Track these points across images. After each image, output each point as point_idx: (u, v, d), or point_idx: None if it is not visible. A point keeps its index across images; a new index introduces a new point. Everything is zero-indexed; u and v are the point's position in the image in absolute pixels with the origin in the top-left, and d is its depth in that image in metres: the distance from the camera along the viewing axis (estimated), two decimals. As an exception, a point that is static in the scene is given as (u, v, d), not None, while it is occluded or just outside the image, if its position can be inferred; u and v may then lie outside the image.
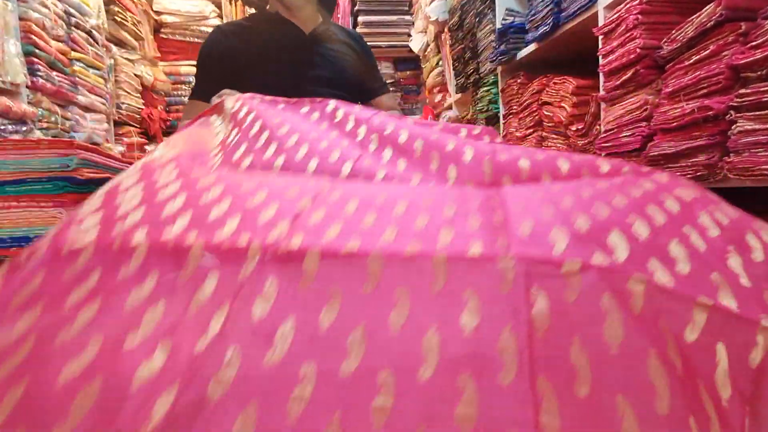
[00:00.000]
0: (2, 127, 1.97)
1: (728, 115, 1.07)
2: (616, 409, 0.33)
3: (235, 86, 1.17)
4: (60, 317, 0.38)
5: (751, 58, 1.00)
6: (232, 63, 1.34)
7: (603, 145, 1.56)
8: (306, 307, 0.37)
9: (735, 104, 1.05)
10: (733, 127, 1.06)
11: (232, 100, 0.87)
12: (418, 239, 0.41)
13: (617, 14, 1.43)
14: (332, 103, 0.82)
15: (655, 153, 1.31)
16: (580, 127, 1.77)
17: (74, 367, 0.35)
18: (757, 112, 1.00)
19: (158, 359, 0.35)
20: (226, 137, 0.74)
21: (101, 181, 0.81)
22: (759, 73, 1.00)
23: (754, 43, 1.01)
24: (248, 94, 0.89)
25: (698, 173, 1.17)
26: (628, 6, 1.38)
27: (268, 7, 1.46)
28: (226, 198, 0.47)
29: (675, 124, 1.21)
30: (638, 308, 0.35)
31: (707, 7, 1.13)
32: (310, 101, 0.86)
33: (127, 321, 0.37)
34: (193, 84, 1.45)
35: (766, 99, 0.98)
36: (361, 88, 1.55)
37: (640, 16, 1.33)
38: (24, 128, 2.12)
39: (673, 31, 1.25)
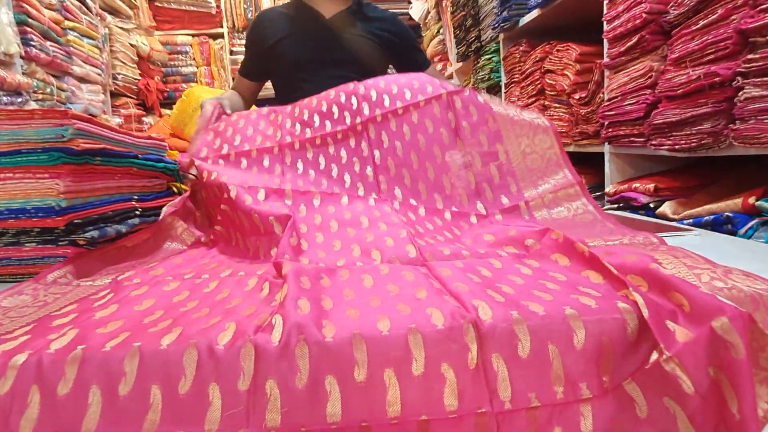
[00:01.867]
0: (-3, 99, 1.95)
1: (735, 82, 1.05)
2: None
3: (271, 66, 1.48)
4: None
5: (761, 22, 0.98)
6: (266, 46, 1.47)
7: (606, 113, 1.54)
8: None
9: (742, 70, 1.03)
10: (739, 94, 1.04)
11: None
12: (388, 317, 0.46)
13: (623, -22, 1.40)
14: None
15: (660, 121, 1.29)
16: (583, 96, 1.74)
17: None
18: (765, 78, 0.98)
19: None
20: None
21: (97, 152, 0.79)
22: (768, 37, 0.98)
23: (763, 6, 0.98)
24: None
25: (703, 141, 1.16)
26: (634, -31, 1.34)
27: None
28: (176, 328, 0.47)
29: (680, 91, 1.19)
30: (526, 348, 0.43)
31: (716, -31, 1.10)
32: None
33: None
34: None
35: (774, 64, 0.96)
36: (398, 67, 1.59)
37: (646, -20, 1.30)
38: (19, 99, 2.09)
39: (681, -5, 1.22)
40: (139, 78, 3.70)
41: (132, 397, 0.39)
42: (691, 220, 1.15)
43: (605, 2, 1.53)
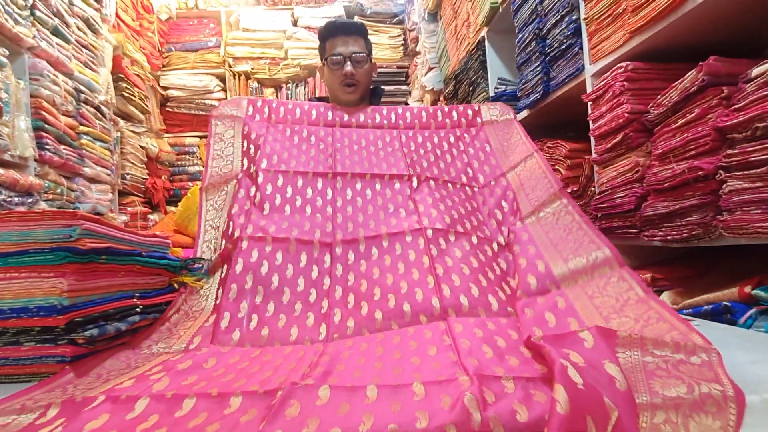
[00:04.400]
0: (8, 199, 2.01)
1: (718, 175, 1.09)
2: None
3: None
4: None
5: (735, 120, 1.04)
6: None
7: (599, 206, 1.58)
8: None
9: (724, 164, 1.07)
10: (723, 187, 1.08)
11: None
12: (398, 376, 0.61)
13: (604, 81, 1.49)
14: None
15: (650, 213, 1.32)
16: (575, 189, 1.79)
17: None
18: (746, 172, 1.03)
19: None
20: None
21: (102, 251, 0.82)
22: (744, 134, 1.03)
23: (737, 106, 1.05)
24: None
25: (693, 232, 1.18)
26: (614, 74, 1.44)
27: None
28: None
29: (667, 184, 1.24)
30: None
31: (689, 73, 1.18)
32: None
33: None
34: None
35: (753, 159, 1.01)
36: None
37: (626, 83, 1.39)
38: (30, 200, 2.15)
39: (659, 96, 1.30)
40: (147, 177, 3.82)
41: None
42: (690, 310, 1.15)
43: (589, 103, 1.62)
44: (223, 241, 1.12)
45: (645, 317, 0.74)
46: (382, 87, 2.01)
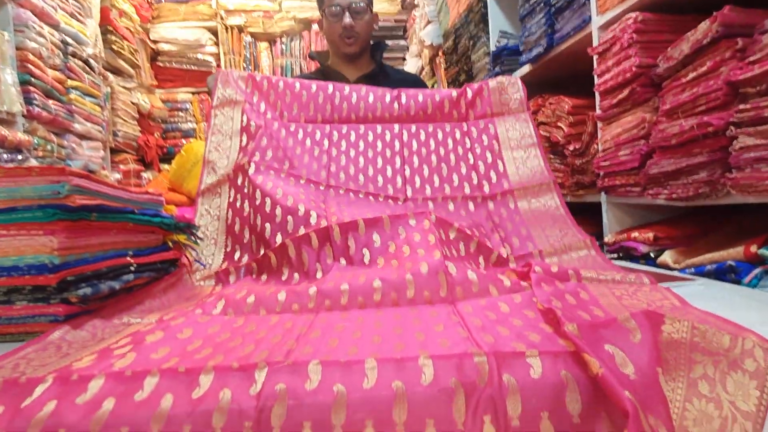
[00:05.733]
0: (-3, 156, 1.96)
1: (728, 131, 1.06)
2: None
3: None
4: None
5: (750, 74, 1.00)
6: None
7: (601, 164, 1.55)
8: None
9: (735, 120, 1.04)
10: (734, 143, 1.05)
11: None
12: (396, 347, 0.52)
13: (612, 34, 1.44)
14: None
15: (655, 171, 1.30)
16: (577, 147, 1.76)
17: None
18: (758, 128, 1.00)
19: None
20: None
21: (93, 208, 0.79)
22: (758, 88, 1.00)
23: (752, 59, 1.01)
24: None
25: (700, 190, 1.16)
26: (622, 26, 1.39)
27: (330, 61, 1.75)
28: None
29: (674, 141, 1.21)
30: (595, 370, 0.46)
31: (702, 24, 1.13)
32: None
33: None
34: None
35: (766, 114, 0.98)
36: None
37: (635, 35, 1.33)
38: (19, 157, 2.11)
39: (669, 49, 1.25)
40: (139, 134, 3.75)
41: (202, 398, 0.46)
42: (693, 270, 1.14)
43: (595, 57, 1.57)
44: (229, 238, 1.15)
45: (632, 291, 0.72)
46: (386, 42, 1.95)
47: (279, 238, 1.00)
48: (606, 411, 0.46)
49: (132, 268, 0.88)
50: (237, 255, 1.10)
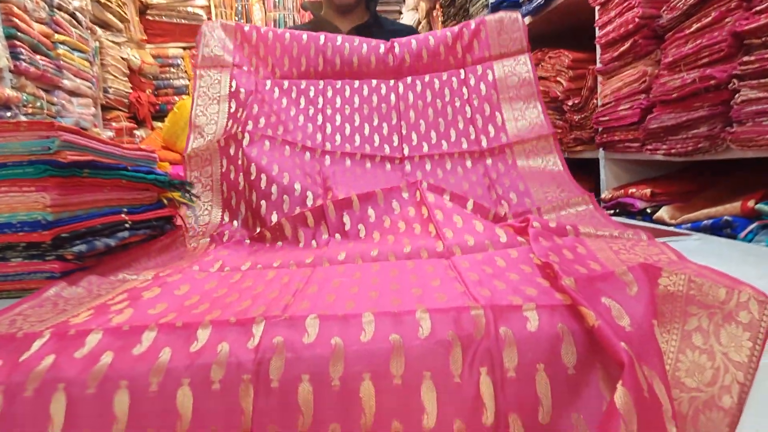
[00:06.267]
0: (-15, 113, 1.93)
1: (731, 84, 1.04)
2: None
3: None
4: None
5: (755, 24, 0.97)
6: None
7: (600, 119, 1.54)
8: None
9: (738, 72, 1.02)
10: (736, 96, 1.04)
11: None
12: (391, 301, 0.53)
13: (615, -17, 1.40)
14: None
15: (655, 126, 1.28)
16: (576, 102, 1.74)
17: None
18: (762, 80, 0.98)
19: None
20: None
21: (85, 164, 0.77)
22: (763, 39, 0.97)
23: (758, 8, 0.98)
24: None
25: (699, 145, 1.15)
26: (626, -26, 1.34)
27: (323, 12, 1.69)
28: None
29: (675, 95, 1.19)
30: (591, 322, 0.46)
31: (709, -27, 1.10)
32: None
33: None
34: None
35: (770, 66, 0.96)
36: None
37: (638, -16, 1.29)
38: (8, 114, 2.07)
39: (673, -1, 1.21)
40: (131, 91, 3.68)
41: (200, 352, 0.46)
42: (689, 225, 1.14)
43: (597, 8, 1.53)
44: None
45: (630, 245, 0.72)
46: None
47: (275, 217, 0.99)
48: (601, 362, 0.46)
49: (127, 225, 0.88)
50: (234, 226, 1.09)
